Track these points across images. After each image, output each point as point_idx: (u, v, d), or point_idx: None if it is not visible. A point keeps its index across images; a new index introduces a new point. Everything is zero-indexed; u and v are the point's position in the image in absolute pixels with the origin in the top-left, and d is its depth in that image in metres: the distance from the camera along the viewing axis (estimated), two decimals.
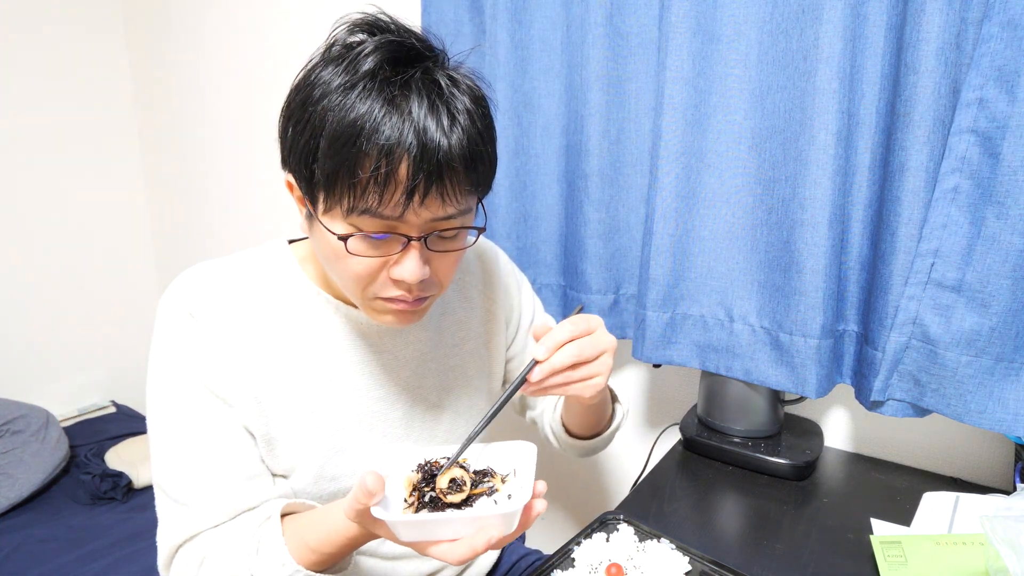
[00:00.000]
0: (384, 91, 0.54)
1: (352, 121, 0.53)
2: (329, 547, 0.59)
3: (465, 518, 0.49)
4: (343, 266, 0.60)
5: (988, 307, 0.74)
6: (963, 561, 0.64)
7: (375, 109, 0.53)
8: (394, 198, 0.54)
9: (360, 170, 0.53)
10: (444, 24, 1.18)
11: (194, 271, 0.69)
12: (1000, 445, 0.89)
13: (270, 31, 1.65)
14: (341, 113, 0.54)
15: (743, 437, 0.96)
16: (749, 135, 0.90)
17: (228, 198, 1.91)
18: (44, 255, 1.97)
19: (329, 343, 0.71)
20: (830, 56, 0.80)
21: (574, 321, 0.60)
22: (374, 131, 0.53)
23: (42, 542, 1.38)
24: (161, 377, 0.66)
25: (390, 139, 0.53)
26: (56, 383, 2.02)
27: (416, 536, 0.51)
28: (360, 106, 0.53)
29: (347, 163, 0.54)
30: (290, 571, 0.59)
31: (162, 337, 0.66)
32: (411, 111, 0.54)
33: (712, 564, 0.67)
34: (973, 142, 0.73)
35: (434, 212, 0.57)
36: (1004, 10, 0.68)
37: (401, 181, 0.54)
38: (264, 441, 0.68)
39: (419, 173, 0.53)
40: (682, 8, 0.88)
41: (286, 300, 0.70)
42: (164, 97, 2.01)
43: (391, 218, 0.56)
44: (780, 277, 0.90)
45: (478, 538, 0.48)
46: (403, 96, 0.54)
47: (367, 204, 0.55)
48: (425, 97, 0.54)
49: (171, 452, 0.65)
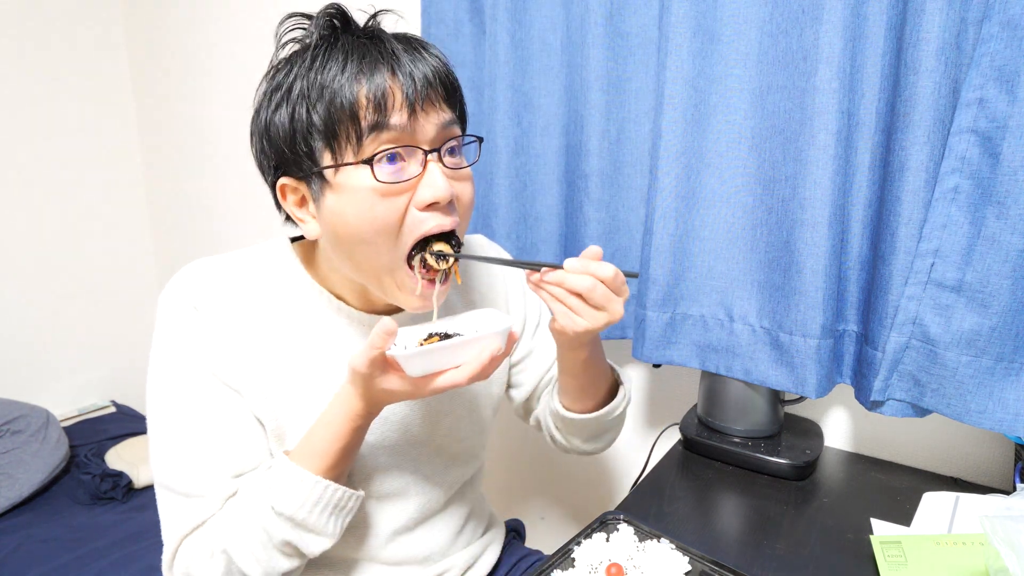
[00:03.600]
0: (351, 39, 0.61)
1: (332, 68, 0.59)
2: (336, 441, 0.61)
3: (467, 340, 0.56)
4: (369, 223, 0.60)
5: (988, 307, 0.74)
6: (963, 561, 0.64)
7: (349, 53, 0.59)
8: (396, 103, 0.58)
9: (356, 97, 0.58)
10: (444, 24, 1.18)
11: (196, 266, 0.69)
12: (1000, 445, 0.89)
13: (270, 30, 1.65)
14: (316, 72, 0.59)
15: (743, 437, 0.96)
16: (749, 135, 0.90)
17: (228, 198, 1.91)
18: (44, 255, 1.96)
19: (331, 342, 0.70)
20: (830, 56, 0.80)
21: (615, 271, 0.61)
22: (356, 65, 0.58)
23: (42, 542, 1.38)
24: (165, 370, 0.65)
25: (371, 62, 0.58)
26: (56, 383, 2.02)
27: (425, 367, 0.57)
28: (336, 56, 0.59)
29: (346, 87, 0.58)
30: (309, 484, 0.60)
31: (165, 330, 0.65)
32: (384, 43, 0.60)
33: (712, 564, 0.67)
34: (973, 142, 0.73)
35: (438, 115, 0.61)
36: (1004, 10, 0.68)
37: (396, 88, 0.59)
38: (275, 435, 0.68)
39: (407, 78, 0.59)
40: (682, 8, 0.88)
41: (288, 297, 0.70)
42: (165, 97, 2.01)
43: (400, 127, 0.59)
44: (780, 277, 0.90)
45: (483, 354, 0.56)
46: (372, 35, 0.62)
47: (374, 118, 0.58)
48: (390, 38, 0.61)
49: (176, 444, 0.64)
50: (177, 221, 2.13)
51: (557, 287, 0.61)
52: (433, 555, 0.80)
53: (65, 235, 2.00)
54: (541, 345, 0.88)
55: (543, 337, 0.88)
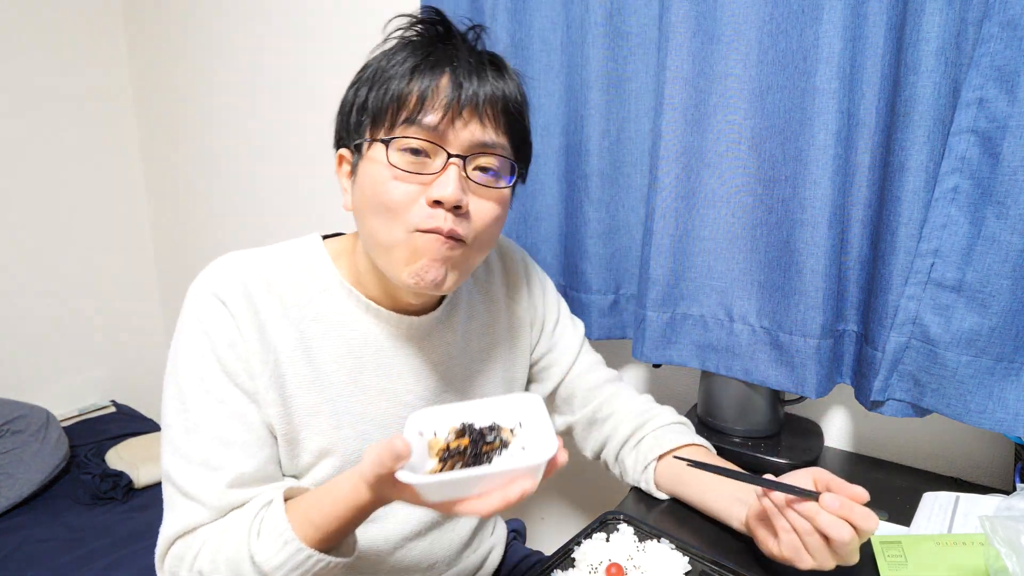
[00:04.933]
0: (439, 43, 0.65)
1: (402, 60, 0.63)
2: (335, 521, 0.57)
3: (496, 472, 0.48)
4: (381, 198, 0.62)
5: (988, 307, 0.74)
6: (963, 561, 0.64)
7: (423, 52, 0.64)
8: (432, 103, 0.61)
9: (407, 89, 0.62)
10: None
11: (228, 259, 0.68)
12: (1000, 445, 0.89)
13: (270, 29, 1.65)
14: (389, 59, 0.64)
15: (743, 437, 0.96)
16: (749, 135, 0.90)
17: (229, 198, 1.91)
18: (44, 255, 1.96)
19: (358, 343, 0.70)
20: (830, 56, 0.80)
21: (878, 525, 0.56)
22: (421, 62, 0.63)
23: (42, 542, 1.38)
24: (185, 364, 0.64)
25: (434, 64, 0.62)
26: (56, 383, 2.02)
27: (444, 495, 0.50)
28: (414, 52, 0.64)
29: (403, 78, 0.62)
30: (292, 549, 0.57)
31: (190, 321, 0.65)
32: (456, 50, 0.64)
33: (712, 564, 0.67)
34: (973, 142, 0.73)
35: (473, 134, 0.63)
36: (1004, 10, 0.68)
37: (443, 90, 0.62)
38: (285, 440, 0.67)
39: (458, 88, 0.61)
40: (682, 8, 0.88)
41: (317, 296, 0.70)
42: (165, 98, 2.01)
43: (432, 128, 0.61)
44: (780, 277, 0.90)
45: (511, 490, 0.47)
46: (445, 47, 0.65)
47: (411, 112, 0.61)
48: (471, 49, 0.66)
49: (185, 442, 0.63)
50: (177, 221, 2.12)
51: (803, 521, 0.56)
52: (439, 564, 0.80)
53: (65, 235, 2.00)
54: (562, 340, 0.88)
55: (564, 331, 0.89)
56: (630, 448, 0.84)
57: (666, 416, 0.85)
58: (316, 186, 1.66)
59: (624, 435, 0.85)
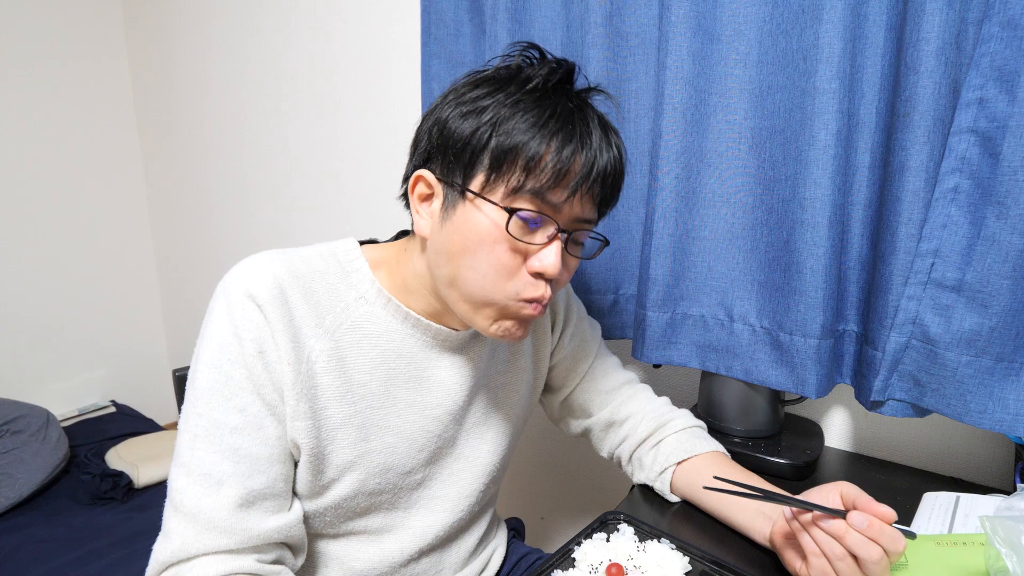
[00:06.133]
0: (564, 99, 0.62)
1: (545, 111, 0.60)
2: None
3: None
4: (485, 257, 0.61)
5: (988, 307, 0.74)
6: (963, 561, 0.64)
7: (554, 113, 0.60)
8: (564, 181, 0.60)
9: (544, 150, 0.59)
10: (444, 24, 1.18)
11: (262, 259, 0.64)
12: (1000, 445, 0.89)
13: (270, 31, 1.65)
14: (515, 109, 0.60)
15: (743, 437, 0.96)
16: (749, 135, 0.90)
17: (229, 199, 1.91)
18: (44, 255, 1.97)
19: (392, 354, 0.68)
20: (830, 56, 0.80)
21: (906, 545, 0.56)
22: (555, 129, 0.60)
23: (42, 542, 1.38)
24: (209, 365, 0.60)
25: (568, 135, 0.60)
26: (56, 383, 2.02)
27: None
28: (543, 107, 0.61)
29: (535, 140, 0.59)
30: None
31: (221, 321, 0.61)
32: (587, 121, 0.62)
33: (712, 564, 0.67)
34: (973, 142, 0.73)
35: (582, 211, 0.64)
36: (1004, 10, 0.68)
37: (576, 171, 0.61)
38: (312, 455, 0.64)
39: (589, 171, 0.61)
40: (682, 8, 0.88)
41: (353, 303, 0.67)
42: (165, 98, 2.01)
43: (551, 203, 0.61)
44: (780, 277, 0.90)
45: None
46: (582, 105, 0.64)
47: (540, 183, 0.59)
48: (595, 116, 0.64)
49: (189, 451, 0.59)
50: (177, 222, 2.13)
51: (835, 545, 0.55)
52: (444, 571, 0.80)
53: (65, 235, 2.00)
54: (580, 343, 0.89)
55: (582, 334, 0.89)
56: (648, 448, 0.85)
57: (685, 419, 0.86)
58: (316, 186, 1.66)
59: (643, 435, 0.85)
